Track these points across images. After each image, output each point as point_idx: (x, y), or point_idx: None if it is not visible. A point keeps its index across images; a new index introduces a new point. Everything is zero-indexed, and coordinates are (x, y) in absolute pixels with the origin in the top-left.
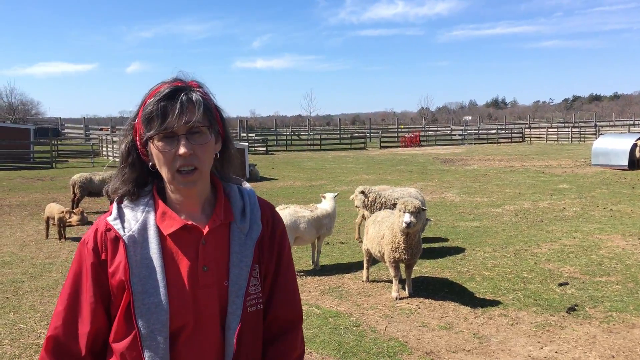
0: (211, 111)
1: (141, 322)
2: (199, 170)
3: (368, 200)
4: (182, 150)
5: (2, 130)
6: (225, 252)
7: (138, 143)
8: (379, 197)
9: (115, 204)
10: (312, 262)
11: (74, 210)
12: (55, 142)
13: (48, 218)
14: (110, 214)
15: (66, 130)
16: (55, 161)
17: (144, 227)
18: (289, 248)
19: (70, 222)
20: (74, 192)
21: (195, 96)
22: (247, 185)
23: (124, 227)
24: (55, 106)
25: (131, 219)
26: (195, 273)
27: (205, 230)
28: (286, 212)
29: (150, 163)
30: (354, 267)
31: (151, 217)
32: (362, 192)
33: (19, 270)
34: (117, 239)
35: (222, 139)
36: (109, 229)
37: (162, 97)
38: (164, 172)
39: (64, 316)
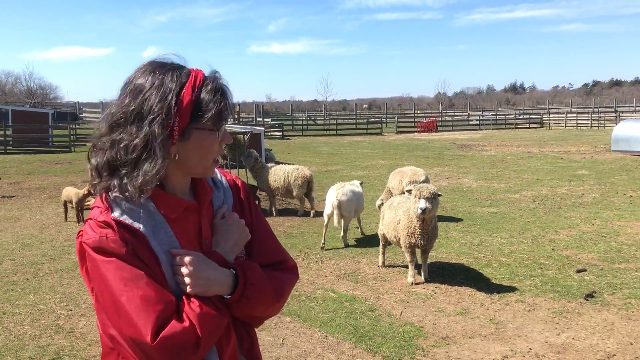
0: None
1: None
2: None
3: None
4: (227, 139)
5: (21, 114)
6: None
7: (176, 133)
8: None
9: (111, 200)
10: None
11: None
12: (74, 126)
13: (65, 201)
14: (111, 211)
15: (84, 115)
16: (73, 145)
17: (149, 215)
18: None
19: (88, 204)
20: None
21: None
22: None
23: (133, 221)
24: (73, 90)
25: (132, 210)
26: (200, 248)
27: (204, 206)
28: (347, 189)
29: (176, 153)
30: (369, 252)
31: (150, 204)
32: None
33: (39, 252)
34: (133, 233)
35: None
36: (123, 225)
37: (220, 90)
38: (203, 163)
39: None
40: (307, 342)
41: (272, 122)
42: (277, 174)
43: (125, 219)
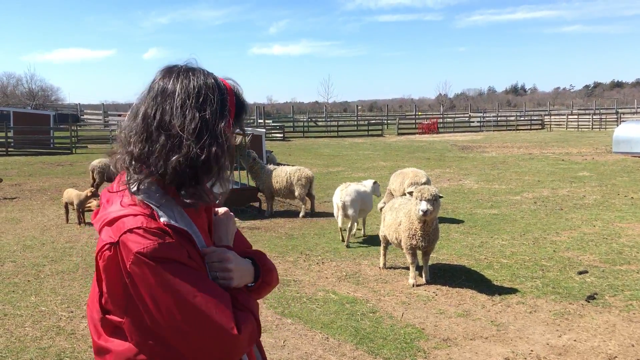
0: None
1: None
2: None
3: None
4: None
5: (23, 116)
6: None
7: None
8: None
9: (153, 205)
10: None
11: (98, 192)
12: (75, 128)
13: (67, 203)
14: (158, 216)
15: (85, 116)
16: (74, 147)
17: (181, 217)
18: None
19: (89, 206)
20: (93, 178)
21: None
22: None
23: (179, 224)
24: (74, 92)
25: (171, 214)
26: (212, 244)
27: (214, 206)
28: (352, 189)
29: None
30: (370, 253)
31: (177, 206)
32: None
33: (40, 253)
34: (183, 235)
35: None
36: (174, 229)
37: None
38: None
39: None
40: (308, 344)
41: (273, 124)
42: (279, 175)
43: (174, 223)
